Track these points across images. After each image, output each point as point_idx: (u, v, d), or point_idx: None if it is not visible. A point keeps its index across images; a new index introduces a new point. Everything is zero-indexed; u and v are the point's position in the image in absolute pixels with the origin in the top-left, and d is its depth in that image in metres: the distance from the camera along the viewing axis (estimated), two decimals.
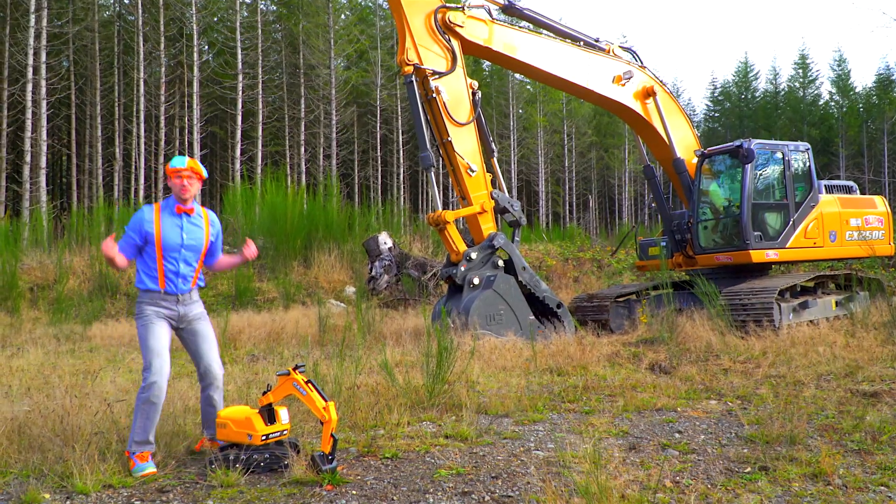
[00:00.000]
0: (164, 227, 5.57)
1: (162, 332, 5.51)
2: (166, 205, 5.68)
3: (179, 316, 5.64)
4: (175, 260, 5.60)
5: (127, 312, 17.96)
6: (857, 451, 5.56)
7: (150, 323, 5.48)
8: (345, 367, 7.90)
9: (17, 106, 32.99)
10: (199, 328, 5.76)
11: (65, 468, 5.13)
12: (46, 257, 21.09)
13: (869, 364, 9.06)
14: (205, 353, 5.74)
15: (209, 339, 5.79)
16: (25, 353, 11.74)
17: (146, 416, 5.32)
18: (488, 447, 5.84)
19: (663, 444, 5.87)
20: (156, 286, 5.54)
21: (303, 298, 19.44)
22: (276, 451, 5.28)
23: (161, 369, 5.38)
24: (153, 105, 38.43)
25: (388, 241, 20.67)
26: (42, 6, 31.26)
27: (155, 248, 5.53)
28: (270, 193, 23.57)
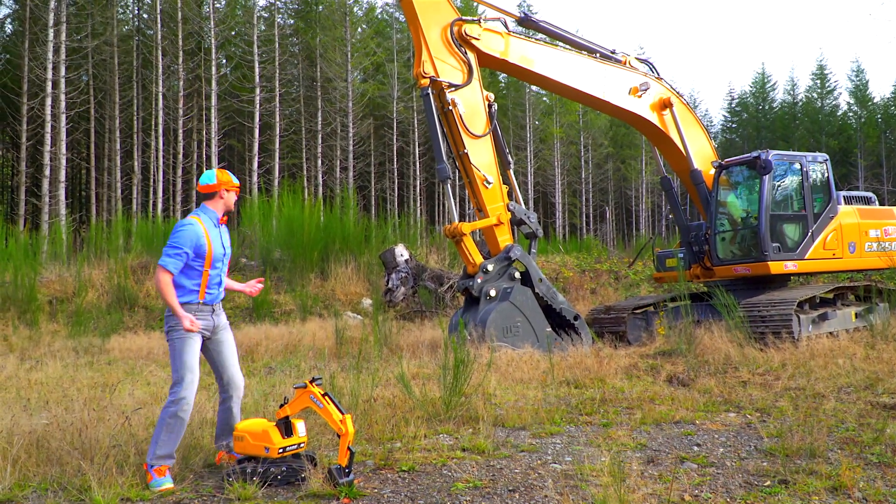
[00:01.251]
0: (213, 240, 5.66)
1: (196, 347, 5.55)
2: (205, 216, 5.74)
3: (213, 327, 5.71)
4: (218, 270, 5.72)
5: (145, 325, 18.04)
6: (878, 463, 5.51)
7: (186, 337, 5.49)
8: (361, 379, 7.90)
9: (36, 120, 33.27)
10: (225, 338, 5.83)
11: (83, 481, 5.15)
12: (65, 270, 21.23)
13: (889, 376, 8.98)
14: (229, 364, 5.81)
15: (233, 349, 5.87)
16: (44, 365, 11.80)
17: (171, 431, 5.34)
18: (505, 460, 5.82)
19: (682, 457, 5.83)
20: (195, 298, 5.58)
21: (320, 311, 19.47)
22: (294, 464, 5.29)
23: (192, 384, 5.42)
24: (171, 118, 38.66)
25: (404, 253, 20.68)
26: (61, 21, 31.53)
27: (205, 261, 5.58)
28: (287, 206, 23.66)
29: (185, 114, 38.51)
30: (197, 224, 5.62)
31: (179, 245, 5.49)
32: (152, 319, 18.49)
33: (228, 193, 5.79)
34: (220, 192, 5.74)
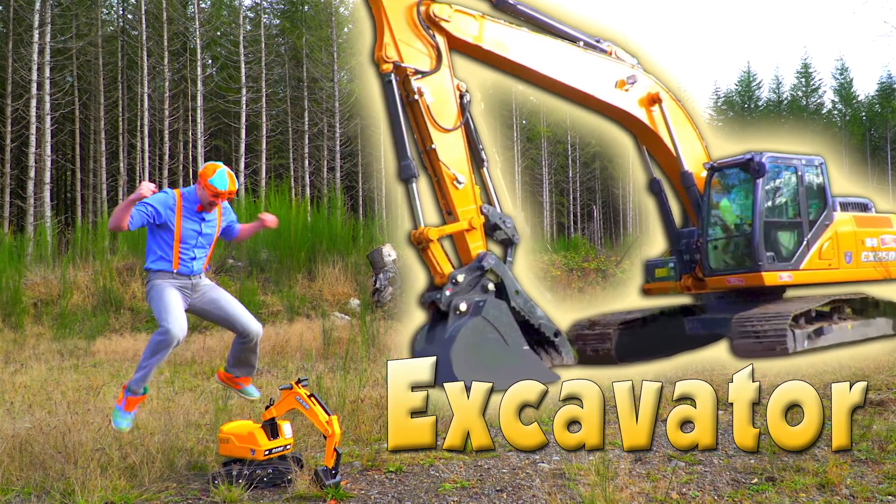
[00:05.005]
0: (184, 221, 5.61)
1: (175, 296, 5.55)
2: (187, 199, 5.69)
3: (192, 286, 5.68)
4: (191, 248, 5.66)
5: (131, 327, 17.94)
6: (865, 460, 5.51)
7: (163, 290, 5.53)
8: (349, 380, 7.88)
9: (20, 121, 33.06)
10: (217, 295, 5.83)
11: (67, 485, 5.11)
12: (50, 272, 21.09)
13: (875, 373, 9.01)
14: (236, 314, 5.79)
15: (232, 301, 5.86)
16: (29, 368, 11.73)
17: (155, 353, 5.43)
18: (493, 460, 5.81)
19: (669, 455, 5.83)
20: (169, 267, 5.58)
21: (307, 311, 19.42)
22: (280, 465, 5.26)
23: (176, 320, 5.42)
24: (157, 119, 38.49)
25: (392, 253, 20.65)
26: (46, 22, 31.36)
27: (173, 237, 5.56)
28: (274, 206, 23.60)
29: (170, 114, 38.33)
30: (172, 197, 5.65)
31: (151, 201, 5.55)
32: (138, 321, 18.40)
33: (208, 196, 5.63)
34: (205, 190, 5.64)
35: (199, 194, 5.67)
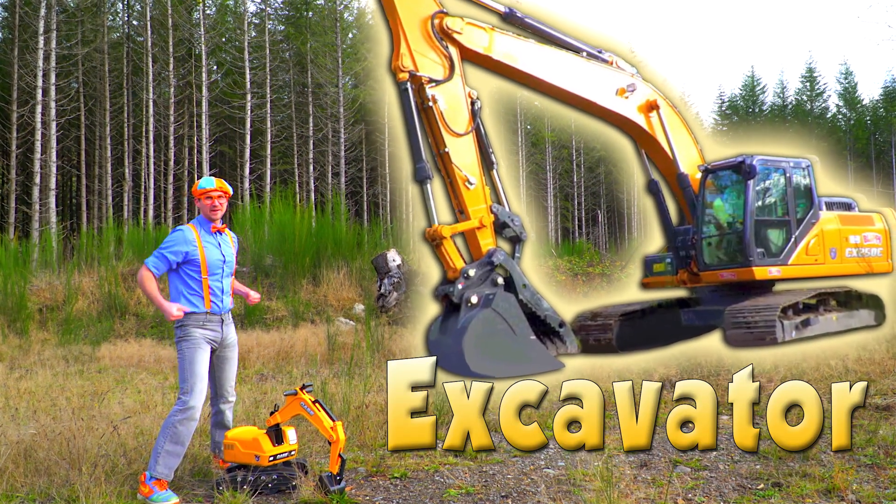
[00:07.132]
0: (206, 248, 5.58)
1: (205, 356, 5.50)
2: (200, 225, 5.68)
3: (221, 339, 5.64)
4: (219, 278, 5.63)
5: (136, 333, 17.94)
6: (871, 465, 5.50)
7: (197, 347, 5.45)
8: (353, 385, 7.87)
9: (26, 127, 33.15)
10: (230, 356, 5.79)
11: (71, 491, 5.11)
12: (56, 278, 21.13)
13: (881, 377, 8.99)
14: (226, 380, 5.78)
15: (235, 368, 5.87)
16: (34, 374, 11.74)
17: (176, 441, 5.26)
18: (498, 466, 5.80)
19: (675, 460, 5.81)
20: (201, 307, 5.51)
21: (312, 317, 19.41)
22: (284, 471, 5.26)
23: (201, 393, 5.38)
24: (162, 125, 38.59)
25: (396, 258, 20.65)
26: (51, 28, 31.47)
27: (200, 269, 5.52)
28: (279, 212, 23.60)
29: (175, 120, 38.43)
30: (188, 229, 5.59)
31: (164, 246, 5.49)
32: (143, 327, 18.41)
33: (202, 202, 5.67)
34: (200, 200, 5.66)
35: (202, 212, 5.70)
